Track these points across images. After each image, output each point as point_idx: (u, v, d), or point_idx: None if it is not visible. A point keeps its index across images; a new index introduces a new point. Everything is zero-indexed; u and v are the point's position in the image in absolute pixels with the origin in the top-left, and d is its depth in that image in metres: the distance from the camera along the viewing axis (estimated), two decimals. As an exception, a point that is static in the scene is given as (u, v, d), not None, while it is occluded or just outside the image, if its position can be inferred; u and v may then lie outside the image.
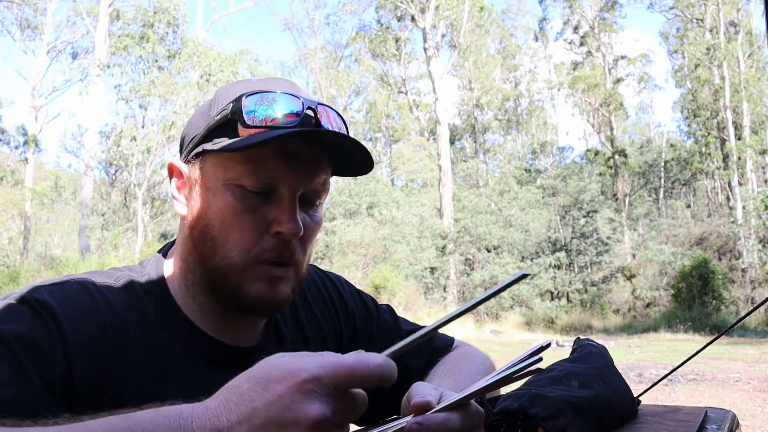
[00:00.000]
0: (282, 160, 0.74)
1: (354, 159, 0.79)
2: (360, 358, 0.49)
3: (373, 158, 0.80)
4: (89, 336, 0.70)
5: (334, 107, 0.81)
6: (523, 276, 0.53)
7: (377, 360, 0.50)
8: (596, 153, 26.25)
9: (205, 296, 0.80)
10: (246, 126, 0.73)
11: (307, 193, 0.77)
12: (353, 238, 18.86)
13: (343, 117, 0.82)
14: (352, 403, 0.49)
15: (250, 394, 0.48)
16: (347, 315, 1.00)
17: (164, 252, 0.87)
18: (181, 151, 0.84)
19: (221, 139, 0.75)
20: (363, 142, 0.82)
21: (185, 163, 0.81)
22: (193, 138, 0.79)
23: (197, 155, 0.78)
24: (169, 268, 0.83)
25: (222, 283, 0.77)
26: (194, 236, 0.78)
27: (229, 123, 0.75)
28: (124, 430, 0.47)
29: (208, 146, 0.76)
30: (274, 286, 0.76)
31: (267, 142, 0.71)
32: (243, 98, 0.74)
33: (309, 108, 0.75)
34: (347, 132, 0.81)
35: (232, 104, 0.75)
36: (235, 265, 0.75)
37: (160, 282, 0.81)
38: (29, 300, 0.69)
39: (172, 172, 0.82)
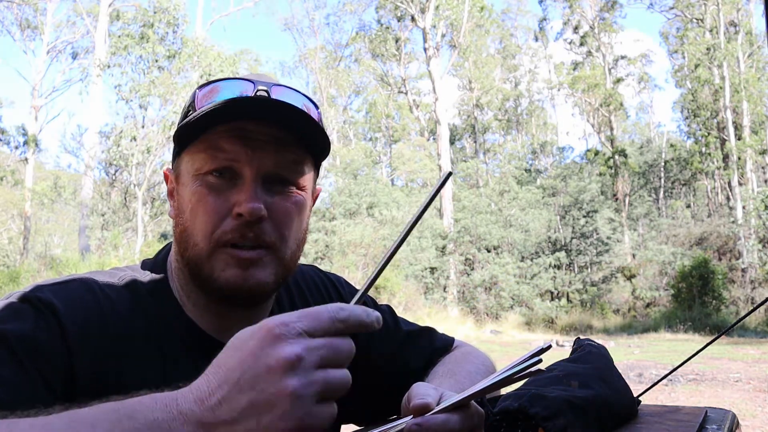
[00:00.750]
0: (237, 141, 0.73)
1: (321, 136, 0.78)
2: (326, 304, 0.50)
3: (328, 137, 0.79)
4: (92, 335, 0.70)
5: (303, 92, 0.80)
6: (449, 175, 0.55)
7: (339, 304, 0.50)
8: (596, 153, 26.24)
9: (197, 294, 0.80)
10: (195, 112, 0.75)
11: (274, 173, 0.76)
12: (353, 238, 18.85)
13: (315, 102, 0.81)
14: (333, 346, 0.48)
15: (225, 358, 0.49)
16: None
17: (165, 252, 0.87)
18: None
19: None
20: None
21: (173, 168, 0.82)
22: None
23: (175, 157, 0.80)
24: (169, 268, 0.84)
25: (197, 273, 0.76)
26: (176, 234, 0.79)
27: (186, 116, 0.77)
28: (110, 410, 0.47)
29: (174, 145, 0.78)
30: (246, 270, 0.74)
31: (211, 118, 0.72)
32: (197, 90, 0.77)
33: (261, 89, 0.75)
34: (319, 117, 0.80)
35: (190, 98, 0.78)
36: (202, 250, 0.75)
37: (163, 281, 0.81)
38: (32, 299, 0.69)
39: (167, 179, 0.84)
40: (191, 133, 0.75)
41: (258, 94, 0.74)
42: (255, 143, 0.74)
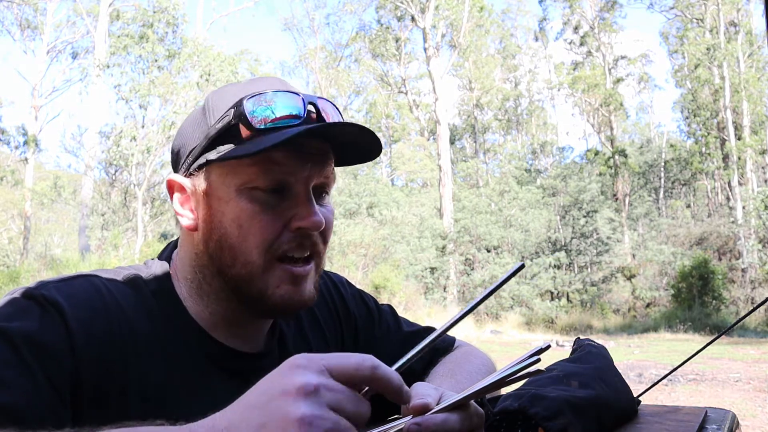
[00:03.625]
0: (293, 157, 0.74)
1: (358, 146, 0.80)
2: (356, 354, 0.50)
3: (381, 145, 0.80)
4: (96, 334, 0.69)
5: (329, 99, 0.81)
6: (521, 267, 0.54)
7: (369, 360, 0.50)
8: (596, 153, 26.24)
9: (222, 306, 0.80)
10: (251, 128, 0.73)
11: (318, 184, 0.78)
12: (353, 238, 18.85)
13: (336, 106, 0.82)
14: (352, 398, 0.48)
15: (245, 394, 0.49)
16: (349, 317, 1.00)
17: (168, 253, 0.86)
18: (175, 165, 0.83)
19: (226, 147, 0.74)
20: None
21: (187, 176, 0.79)
22: (192, 150, 0.78)
23: (200, 166, 0.77)
24: (174, 271, 0.83)
25: (246, 290, 0.76)
26: (210, 248, 0.77)
27: (230, 129, 0.74)
28: None
29: (212, 155, 0.75)
30: (298, 286, 0.76)
31: (282, 143, 0.71)
32: (244, 101, 0.74)
33: (310, 103, 0.76)
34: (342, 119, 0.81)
35: (233, 109, 0.74)
36: (258, 268, 0.75)
37: (167, 283, 0.81)
38: (37, 296, 0.68)
39: (173, 188, 0.81)
40: (248, 150, 0.72)
41: (309, 109, 0.76)
42: (308, 157, 0.75)
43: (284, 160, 0.73)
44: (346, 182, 23.29)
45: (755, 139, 23.30)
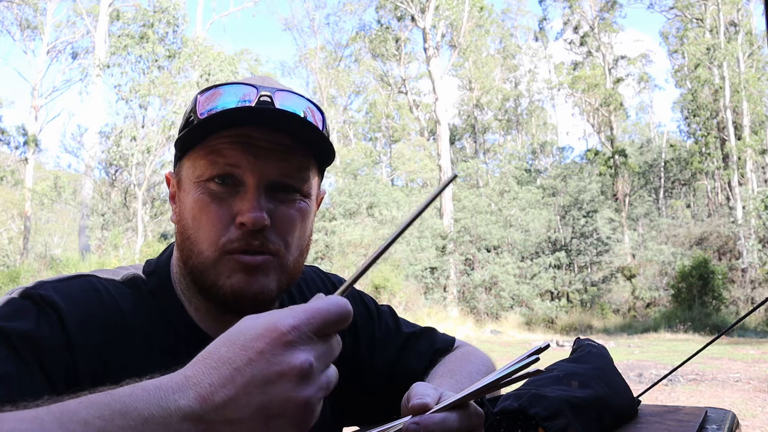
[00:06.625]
0: (237, 147, 0.73)
1: (327, 146, 0.78)
2: (329, 300, 0.49)
3: (332, 144, 0.78)
4: (94, 333, 0.69)
5: (310, 99, 0.79)
6: (454, 177, 0.55)
7: (342, 300, 0.49)
8: (596, 153, 26.24)
9: (198, 299, 0.80)
10: (197, 119, 0.74)
11: (278, 180, 0.75)
12: (353, 238, 18.86)
13: (318, 106, 0.80)
14: (333, 348, 0.49)
15: (229, 355, 0.47)
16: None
17: (168, 253, 0.86)
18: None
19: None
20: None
21: (175, 172, 0.82)
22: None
23: (176, 161, 0.80)
24: (172, 269, 0.83)
25: (201, 281, 0.76)
26: (178, 240, 0.79)
27: (188, 122, 0.76)
28: (102, 405, 0.46)
29: (175, 149, 0.78)
30: (251, 276, 0.74)
31: (211, 125, 0.71)
32: (198, 95, 0.76)
33: (264, 95, 0.74)
34: (323, 125, 0.79)
35: (191, 103, 0.77)
36: (207, 259, 0.74)
37: (165, 282, 0.81)
38: (34, 296, 0.69)
39: (168, 182, 0.84)
40: (193, 139, 0.74)
41: (261, 99, 0.74)
42: (258, 150, 0.73)
43: (228, 151, 0.73)
44: (346, 182, 23.30)
45: (755, 139, 23.30)
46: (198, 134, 0.73)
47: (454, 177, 0.56)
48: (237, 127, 0.73)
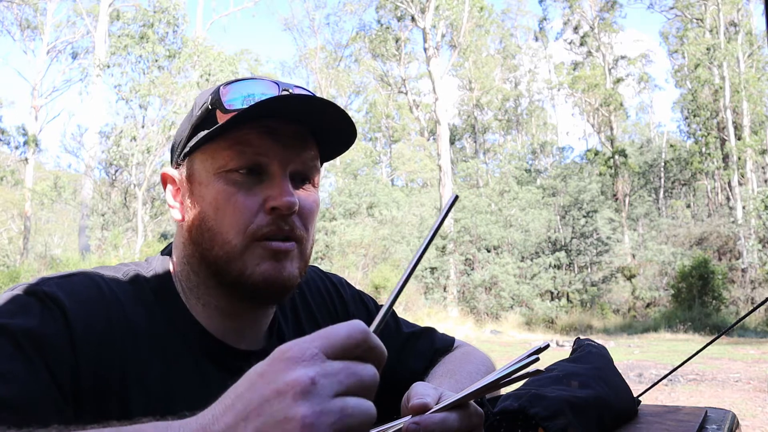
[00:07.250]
0: (266, 137, 0.75)
1: (337, 134, 0.80)
2: (344, 323, 0.47)
3: (356, 128, 0.80)
4: (97, 329, 0.70)
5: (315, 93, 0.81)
6: (455, 199, 0.56)
7: (356, 321, 0.47)
8: (596, 153, 26.24)
9: (212, 296, 0.79)
10: (225, 111, 0.75)
11: (298, 170, 0.78)
12: (353, 238, 18.86)
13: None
14: (353, 371, 0.45)
15: (236, 386, 0.47)
16: (348, 318, 0.99)
17: (170, 250, 0.86)
18: (172, 160, 0.85)
19: (203, 133, 0.76)
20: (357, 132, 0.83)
21: (176, 168, 0.82)
22: (180, 141, 0.81)
23: (185, 156, 0.79)
24: (173, 267, 0.83)
25: (226, 272, 0.76)
26: (193, 235, 0.78)
27: (208, 115, 0.76)
28: None
29: (192, 142, 0.77)
30: (279, 263, 0.75)
31: (245, 116, 0.72)
32: (221, 87, 0.77)
33: (285, 90, 0.77)
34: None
35: (211, 96, 0.77)
36: (235, 248, 0.74)
37: (166, 279, 0.81)
38: (38, 292, 0.69)
39: (166, 181, 0.83)
40: (217, 132, 0.74)
41: (283, 93, 0.76)
42: (282, 138, 0.75)
43: (257, 141, 0.74)
44: (346, 182, 23.30)
45: (755, 139, 23.30)
46: (226, 127, 0.73)
47: (456, 198, 0.56)
48: (263, 119, 0.74)
